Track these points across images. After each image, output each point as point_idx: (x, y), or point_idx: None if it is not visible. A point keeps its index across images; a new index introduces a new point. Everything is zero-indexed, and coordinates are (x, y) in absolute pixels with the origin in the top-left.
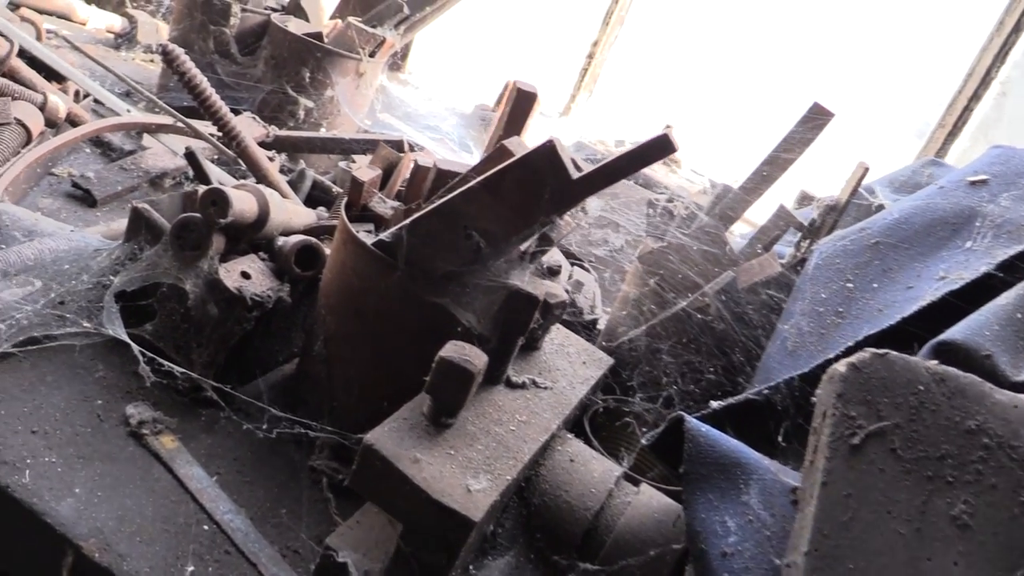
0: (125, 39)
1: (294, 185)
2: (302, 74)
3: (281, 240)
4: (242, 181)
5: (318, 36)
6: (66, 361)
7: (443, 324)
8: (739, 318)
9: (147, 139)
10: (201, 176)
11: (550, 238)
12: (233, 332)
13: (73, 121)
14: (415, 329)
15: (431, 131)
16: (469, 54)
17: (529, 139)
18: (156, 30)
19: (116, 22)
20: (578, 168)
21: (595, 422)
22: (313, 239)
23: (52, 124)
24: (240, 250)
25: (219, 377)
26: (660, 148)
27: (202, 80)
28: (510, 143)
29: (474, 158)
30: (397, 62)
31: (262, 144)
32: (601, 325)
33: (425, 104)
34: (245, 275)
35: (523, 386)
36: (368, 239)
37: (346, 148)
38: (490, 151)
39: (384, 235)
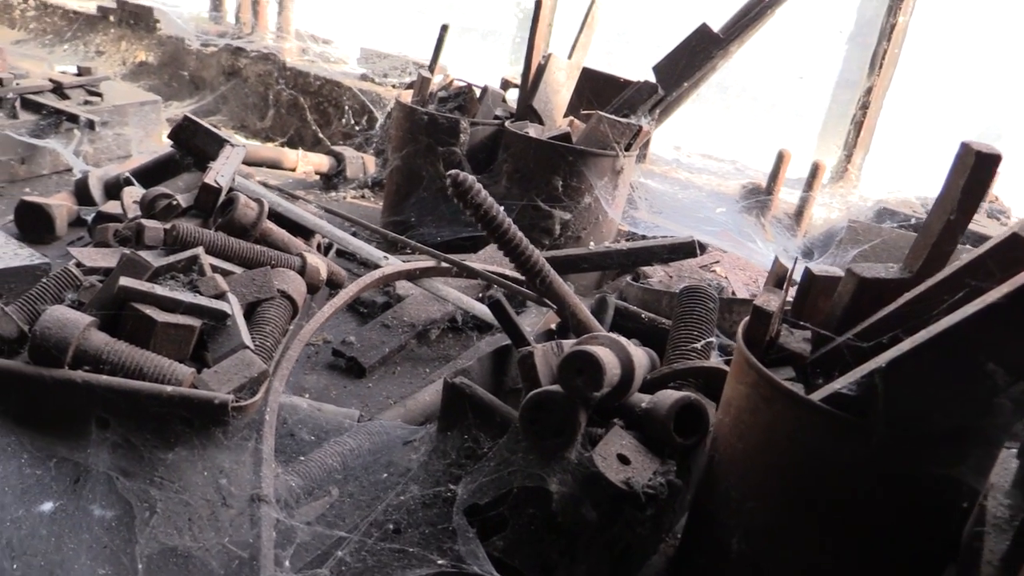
0: (339, 178)
1: (596, 316)
2: (553, 183)
3: (644, 401)
4: (591, 333)
5: (565, 137)
6: None
7: (945, 503)
8: None
9: (400, 287)
10: (511, 330)
11: None
12: (620, 538)
13: (331, 281)
14: (905, 516)
15: (705, 224)
16: (701, 129)
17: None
18: (363, 165)
19: (324, 162)
20: None
21: None
22: (692, 395)
23: (313, 289)
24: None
25: None
26: None
27: (499, 210)
28: None
29: (760, 246)
30: (642, 151)
31: None
32: None
33: (682, 193)
34: (623, 459)
35: None
36: (796, 388)
37: (624, 260)
38: (934, 239)
39: (841, 385)
